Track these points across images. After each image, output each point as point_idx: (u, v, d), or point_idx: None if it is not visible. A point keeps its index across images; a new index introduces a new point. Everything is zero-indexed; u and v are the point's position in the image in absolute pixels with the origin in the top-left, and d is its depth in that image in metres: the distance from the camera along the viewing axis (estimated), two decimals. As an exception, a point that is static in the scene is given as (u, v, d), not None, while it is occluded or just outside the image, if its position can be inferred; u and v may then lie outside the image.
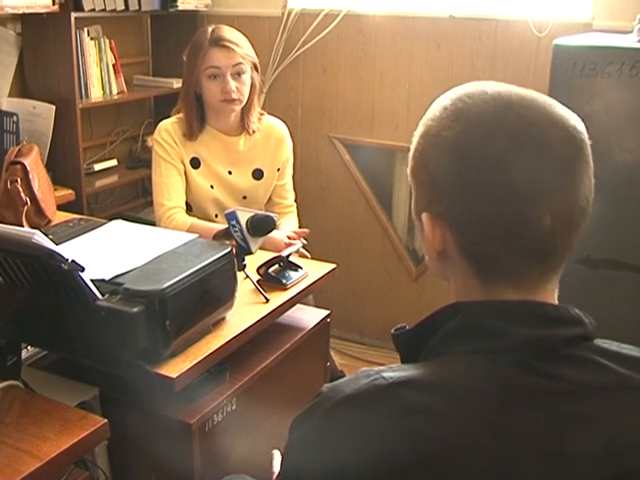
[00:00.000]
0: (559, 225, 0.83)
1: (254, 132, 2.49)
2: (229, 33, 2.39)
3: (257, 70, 2.45)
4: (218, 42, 2.34)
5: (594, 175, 0.87)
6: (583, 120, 0.88)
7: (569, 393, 0.82)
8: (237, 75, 2.36)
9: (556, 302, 0.89)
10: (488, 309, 0.86)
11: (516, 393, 0.81)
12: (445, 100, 0.91)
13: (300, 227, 2.58)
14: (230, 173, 2.48)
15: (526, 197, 0.82)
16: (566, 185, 0.83)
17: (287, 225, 2.50)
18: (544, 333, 0.84)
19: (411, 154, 0.94)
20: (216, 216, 2.49)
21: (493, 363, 0.82)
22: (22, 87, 3.14)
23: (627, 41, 2.30)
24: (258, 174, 2.51)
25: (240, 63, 2.36)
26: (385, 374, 0.84)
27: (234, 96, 2.36)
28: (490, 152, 0.83)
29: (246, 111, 2.45)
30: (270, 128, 2.53)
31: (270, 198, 2.59)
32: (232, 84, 2.34)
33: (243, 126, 2.48)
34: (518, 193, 0.81)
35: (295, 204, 2.65)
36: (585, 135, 0.86)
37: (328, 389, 0.87)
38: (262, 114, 2.54)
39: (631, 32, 2.35)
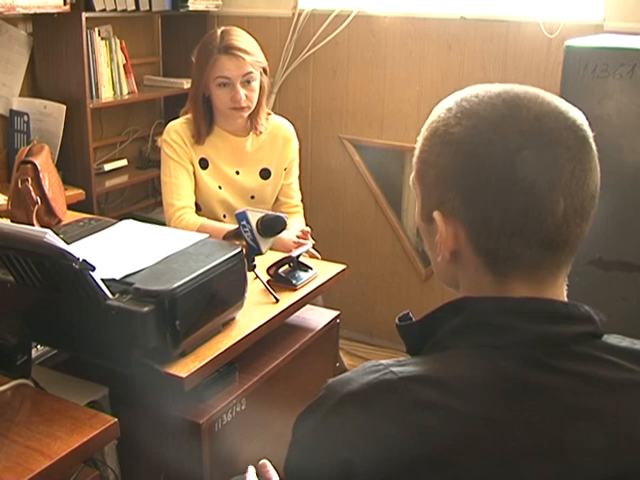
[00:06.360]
0: (572, 213, 0.83)
1: (261, 133, 2.49)
2: (239, 40, 2.37)
3: (266, 73, 2.45)
4: (228, 50, 2.33)
5: (604, 176, 0.87)
6: (594, 121, 0.88)
7: (576, 389, 0.82)
8: (247, 83, 2.37)
9: (566, 298, 0.89)
10: (497, 305, 0.86)
11: (523, 388, 0.81)
12: (448, 103, 0.91)
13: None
14: (238, 173, 2.49)
15: (542, 188, 0.82)
16: (576, 173, 0.83)
17: (294, 225, 2.49)
18: (553, 329, 0.84)
19: (416, 158, 0.94)
20: (224, 217, 2.49)
21: (501, 358, 0.82)
22: (33, 87, 3.16)
23: (639, 42, 2.28)
24: (265, 174, 2.52)
25: (250, 72, 2.35)
26: (394, 369, 0.84)
27: (243, 104, 2.36)
28: (504, 146, 0.83)
29: (254, 113, 2.45)
30: (277, 128, 2.54)
31: (277, 198, 2.59)
32: (242, 93, 2.34)
33: (251, 127, 2.48)
34: (533, 185, 0.82)
35: (301, 204, 2.65)
36: (586, 126, 0.87)
37: (334, 382, 0.87)
38: (269, 114, 2.55)
39: (643, 33, 2.34)
